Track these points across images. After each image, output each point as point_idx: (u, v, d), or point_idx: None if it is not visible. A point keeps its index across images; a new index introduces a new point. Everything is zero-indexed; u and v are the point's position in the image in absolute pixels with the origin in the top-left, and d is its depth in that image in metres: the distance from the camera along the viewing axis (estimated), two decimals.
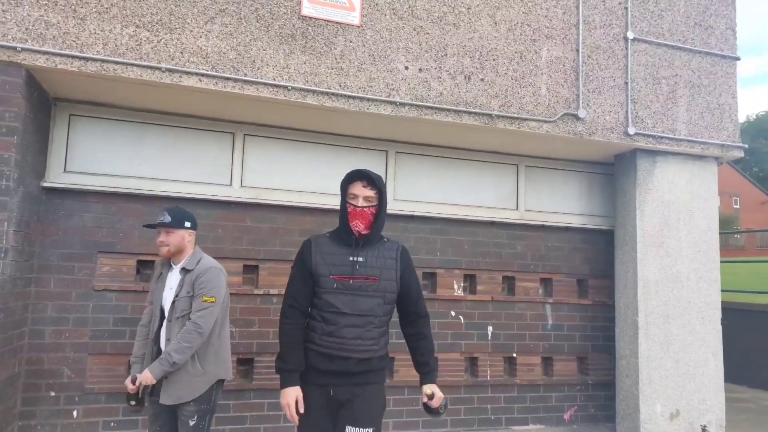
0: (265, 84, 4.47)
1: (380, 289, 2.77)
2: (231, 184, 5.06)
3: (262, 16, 4.52)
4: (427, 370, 2.94)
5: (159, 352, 3.33)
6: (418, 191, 5.58)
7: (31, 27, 4.02)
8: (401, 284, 2.86)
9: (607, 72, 5.43)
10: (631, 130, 5.36)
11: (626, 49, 5.50)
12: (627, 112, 5.42)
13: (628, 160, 5.72)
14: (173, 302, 3.35)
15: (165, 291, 3.41)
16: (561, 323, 5.86)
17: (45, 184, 4.54)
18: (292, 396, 2.69)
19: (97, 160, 4.75)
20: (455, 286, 5.58)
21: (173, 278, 3.43)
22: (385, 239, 2.94)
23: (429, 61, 4.92)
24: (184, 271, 3.42)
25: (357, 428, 2.67)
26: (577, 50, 5.34)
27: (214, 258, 3.65)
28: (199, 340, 3.30)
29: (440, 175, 5.66)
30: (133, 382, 3.27)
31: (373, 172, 2.88)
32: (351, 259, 2.78)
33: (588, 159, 6.05)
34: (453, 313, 5.54)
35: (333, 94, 4.62)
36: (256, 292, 5.01)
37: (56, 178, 4.63)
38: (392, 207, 5.38)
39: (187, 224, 3.48)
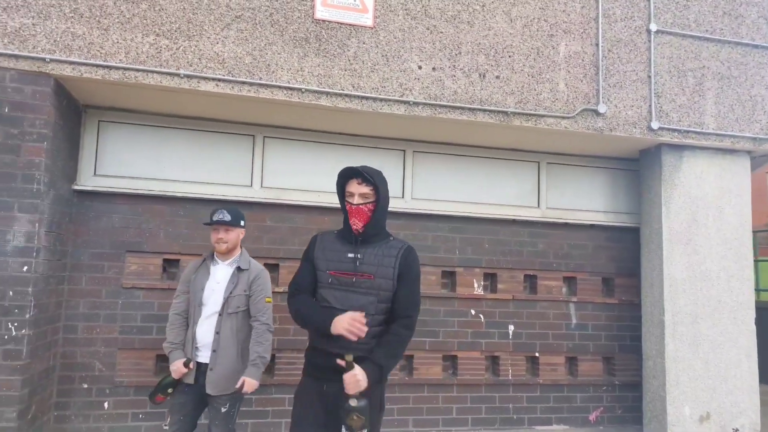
0: (279, 87, 4.55)
1: (374, 286, 2.70)
2: (251, 185, 5.17)
3: (276, 21, 4.61)
4: (372, 355, 2.67)
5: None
6: (436, 190, 5.56)
7: (58, 39, 4.23)
8: (397, 283, 2.74)
9: (628, 66, 5.27)
10: (655, 125, 5.19)
11: (649, 41, 5.33)
12: (650, 106, 5.25)
13: (653, 155, 5.53)
14: (227, 298, 3.58)
15: (210, 283, 3.61)
16: (586, 322, 5.72)
17: (76, 187, 4.77)
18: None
19: (125, 163, 4.95)
20: (475, 285, 5.52)
21: (220, 273, 3.66)
22: (391, 238, 2.89)
23: (443, 59, 4.90)
24: (239, 269, 3.67)
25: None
26: (597, 44, 5.21)
27: None
28: (271, 337, 3.72)
29: (459, 174, 5.63)
30: (186, 365, 3.47)
31: (369, 167, 2.85)
32: (350, 255, 2.76)
33: (612, 155, 5.88)
34: (473, 312, 5.49)
35: (346, 95, 4.67)
36: (276, 290, 5.07)
37: (86, 181, 4.85)
38: (410, 206, 5.42)
39: (243, 223, 3.75)
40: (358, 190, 2.77)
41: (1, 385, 3.98)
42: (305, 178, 5.26)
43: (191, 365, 3.50)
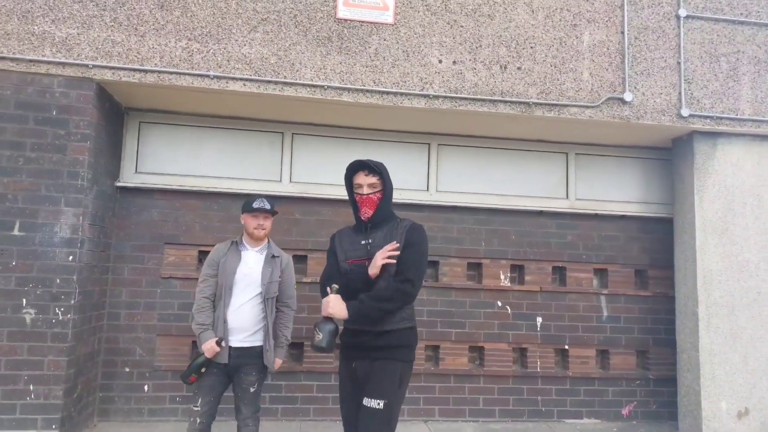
0: (303, 85, 4.71)
1: (389, 265, 2.84)
2: (281, 180, 5.35)
3: (300, 22, 4.77)
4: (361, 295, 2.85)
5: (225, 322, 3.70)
6: (461, 182, 5.58)
7: (100, 46, 4.54)
8: (401, 252, 2.87)
9: (656, 53, 5.13)
10: (685, 112, 5.02)
11: (678, 27, 5.16)
12: (680, 93, 5.08)
13: (685, 143, 5.35)
14: (267, 284, 3.74)
15: (242, 267, 3.73)
16: (618, 315, 5.58)
17: (119, 184, 5.08)
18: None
19: (163, 161, 5.24)
20: (501, 277, 5.49)
21: (251, 259, 3.79)
22: (399, 219, 3.05)
23: (463, 53, 4.92)
24: (273, 257, 3.84)
25: (370, 399, 2.79)
26: (623, 32, 5.09)
27: None
28: None
29: (484, 166, 5.62)
30: (219, 344, 3.59)
31: (372, 160, 3.06)
32: (363, 242, 2.98)
33: (643, 144, 5.72)
34: (499, 303, 5.46)
35: (367, 90, 4.77)
36: (305, 280, 5.25)
37: (129, 178, 5.16)
38: (435, 198, 5.47)
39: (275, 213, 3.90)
40: (366, 180, 3.00)
41: (50, 365, 4.30)
42: (332, 173, 5.39)
43: (223, 344, 3.60)
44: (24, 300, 4.33)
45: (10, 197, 4.39)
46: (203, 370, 3.64)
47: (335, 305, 2.79)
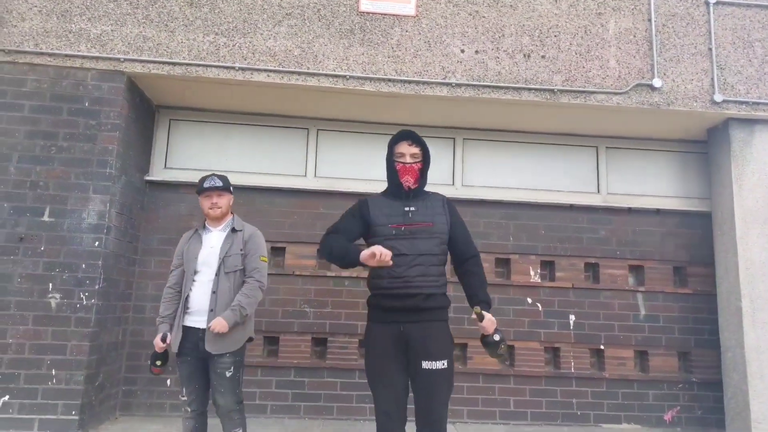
0: (325, 75, 4.67)
1: (435, 231, 2.95)
2: (305, 175, 5.27)
3: (323, 16, 4.77)
4: (476, 300, 2.94)
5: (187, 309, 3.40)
6: (487, 177, 5.38)
7: (132, 42, 4.62)
8: (451, 227, 3.02)
9: (686, 39, 4.91)
10: (718, 98, 4.76)
11: (708, 14, 4.95)
12: (713, 79, 4.84)
13: (720, 132, 5.05)
14: (223, 258, 3.43)
15: (204, 251, 3.46)
16: (656, 314, 5.19)
17: (148, 178, 5.08)
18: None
19: (192, 156, 5.23)
20: (531, 273, 5.21)
21: (213, 239, 3.51)
22: (430, 192, 3.13)
23: (485, 43, 4.82)
24: (234, 231, 3.54)
25: (432, 362, 2.79)
26: (650, 20, 4.91)
27: (291, 243, 4.31)
28: (261, 295, 3.52)
29: (511, 160, 5.43)
30: (163, 340, 3.34)
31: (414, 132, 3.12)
32: (405, 209, 2.99)
33: (677, 137, 5.43)
34: (529, 300, 5.16)
35: (389, 80, 4.70)
36: (329, 274, 5.09)
37: (158, 173, 5.16)
38: (461, 193, 5.29)
39: (232, 189, 3.64)
40: (408, 150, 3.04)
41: (73, 350, 4.22)
42: (356, 168, 5.29)
43: (168, 339, 3.36)
44: (50, 285, 4.29)
45: (42, 184, 4.41)
46: (158, 362, 3.38)
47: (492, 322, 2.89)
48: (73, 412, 4.13)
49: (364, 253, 2.71)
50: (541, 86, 4.74)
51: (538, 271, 5.23)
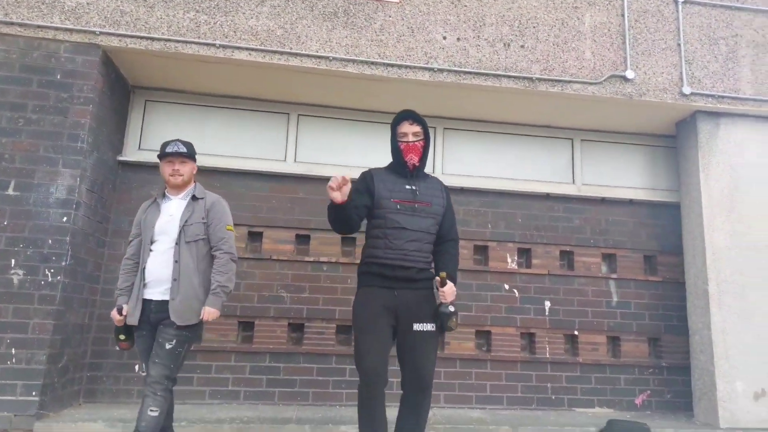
0: (308, 56, 4.56)
1: (432, 212, 3.09)
2: (285, 160, 5.12)
3: None
4: (444, 270, 3.04)
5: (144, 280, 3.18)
6: (467, 165, 5.36)
7: (109, 16, 4.41)
8: (444, 210, 3.17)
9: (656, 35, 5.03)
10: (687, 90, 4.88)
11: (677, 12, 5.09)
12: (681, 72, 4.95)
13: (688, 124, 5.18)
14: (183, 227, 3.21)
15: (161, 219, 3.25)
16: (628, 301, 5.23)
17: (120, 158, 4.84)
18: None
19: (167, 138, 4.95)
20: (508, 260, 5.18)
21: (172, 207, 3.29)
22: (429, 175, 3.28)
23: (467, 31, 4.81)
24: (194, 198, 3.32)
25: (423, 324, 2.95)
26: (623, 15, 5.01)
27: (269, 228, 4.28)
28: (234, 266, 3.31)
29: (490, 150, 5.42)
30: (120, 312, 3.12)
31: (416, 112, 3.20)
32: (408, 187, 3.09)
33: (648, 131, 5.54)
34: (506, 287, 5.12)
35: (372, 62, 4.62)
36: (307, 259, 4.93)
37: (131, 154, 4.93)
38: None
39: (196, 156, 3.45)
40: (411, 129, 3.12)
41: (35, 328, 3.93)
42: (336, 154, 5.19)
43: (124, 311, 3.12)
44: (13, 261, 4.00)
45: (7, 157, 4.14)
46: (122, 337, 3.15)
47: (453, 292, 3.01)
48: (34, 393, 3.83)
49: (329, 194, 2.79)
50: (520, 74, 4.76)
51: (515, 258, 5.21)
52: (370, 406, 2.84)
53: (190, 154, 3.36)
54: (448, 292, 2.95)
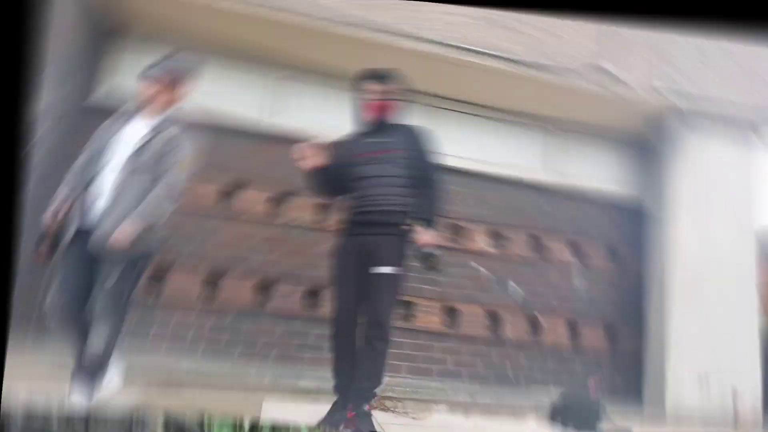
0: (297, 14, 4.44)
1: (395, 157, 3.14)
2: (262, 118, 4.95)
3: None
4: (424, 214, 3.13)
5: None
6: (443, 145, 5.29)
7: None
8: (412, 154, 3.21)
9: (630, 31, 5.13)
10: (657, 84, 5.01)
11: None
12: (653, 69, 5.08)
13: (657, 121, 5.30)
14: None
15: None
16: (588, 288, 5.29)
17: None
18: None
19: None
20: (478, 240, 5.16)
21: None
22: (401, 125, 3.32)
23: (452, 8, 4.79)
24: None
25: (378, 267, 2.95)
26: None
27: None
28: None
29: (466, 132, 5.39)
30: None
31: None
32: (367, 140, 3.22)
33: (619, 126, 5.60)
34: (474, 265, 5.09)
35: (359, 25, 4.54)
36: (277, 221, 4.78)
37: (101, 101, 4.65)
38: None
39: None
40: (379, 88, 3.22)
41: None
42: (316, 116, 4.99)
43: None
44: None
45: None
46: None
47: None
48: None
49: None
50: (502, 54, 4.78)
51: (485, 239, 5.19)
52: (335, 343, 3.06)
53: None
54: (427, 237, 3.02)
